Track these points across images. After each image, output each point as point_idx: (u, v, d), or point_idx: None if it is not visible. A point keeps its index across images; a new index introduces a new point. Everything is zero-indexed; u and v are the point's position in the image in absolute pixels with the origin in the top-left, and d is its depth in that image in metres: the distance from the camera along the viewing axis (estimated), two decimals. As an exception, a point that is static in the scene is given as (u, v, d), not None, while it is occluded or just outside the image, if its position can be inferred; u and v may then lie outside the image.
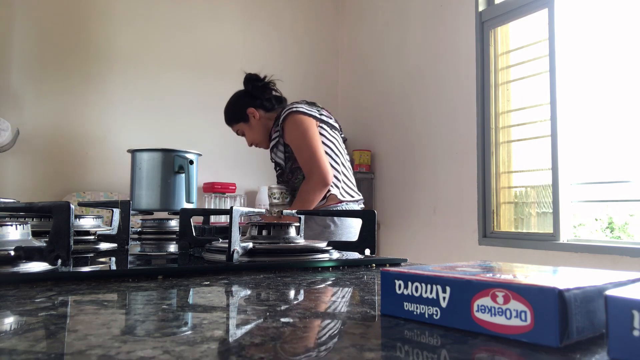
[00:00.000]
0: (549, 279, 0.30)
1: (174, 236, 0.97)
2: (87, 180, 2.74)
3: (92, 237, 0.82)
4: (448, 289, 0.30)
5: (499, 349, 0.26)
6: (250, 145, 1.95)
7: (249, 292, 0.46)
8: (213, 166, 2.99)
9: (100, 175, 2.75)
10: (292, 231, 0.70)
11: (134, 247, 0.86)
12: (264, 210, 0.80)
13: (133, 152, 1.10)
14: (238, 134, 1.96)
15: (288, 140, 1.76)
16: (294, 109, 1.76)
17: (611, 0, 2.05)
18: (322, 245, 0.70)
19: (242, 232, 0.68)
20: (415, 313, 0.32)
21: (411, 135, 2.88)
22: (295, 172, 1.77)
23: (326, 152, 1.73)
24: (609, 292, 0.24)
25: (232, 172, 3.13)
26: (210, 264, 0.61)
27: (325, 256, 0.68)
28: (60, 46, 2.74)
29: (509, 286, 0.28)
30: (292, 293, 0.46)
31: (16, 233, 0.54)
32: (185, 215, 0.82)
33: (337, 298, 0.43)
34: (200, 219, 1.21)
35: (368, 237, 0.76)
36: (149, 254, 0.81)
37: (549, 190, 2.19)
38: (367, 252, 0.76)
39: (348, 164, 1.87)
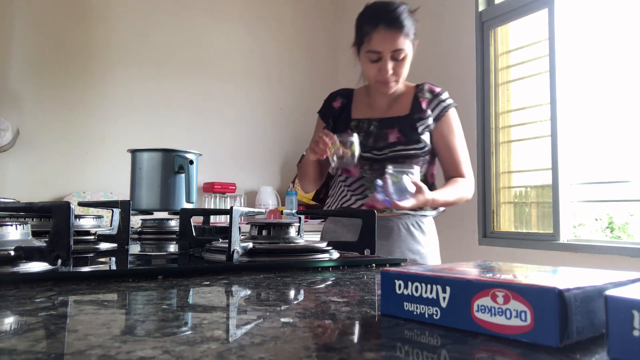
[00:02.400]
0: (549, 279, 0.30)
1: (174, 236, 0.97)
2: (87, 180, 2.74)
3: (92, 237, 0.82)
4: (448, 289, 0.30)
5: (499, 349, 0.26)
6: (393, 75, 1.39)
7: (249, 292, 0.46)
8: (213, 166, 3.00)
9: (100, 175, 2.76)
10: (292, 231, 0.70)
11: (134, 247, 0.86)
12: (264, 211, 0.80)
13: (133, 152, 1.10)
14: (395, 54, 1.37)
15: (445, 132, 1.45)
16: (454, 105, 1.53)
17: (611, 0, 2.05)
18: (322, 245, 0.70)
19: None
20: (415, 313, 0.32)
21: (411, 135, 2.88)
22: (414, 159, 1.42)
23: None
24: (609, 292, 0.24)
25: (232, 172, 3.13)
26: (210, 264, 0.61)
27: (325, 256, 0.68)
28: (60, 46, 2.74)
29: (509, 286, 0.28)
30: (292, 293, 0.46)
31: (16, 233, 0.54)
32: (185, 215, 0.82)
33: (337, 298, 0.42)
34: (200, 219, 1.21)
35: (368, 237, 0.76)
36: (149, 254, 0.81)
37: (549, 190, 2.19)
38: (367, 252, 0.76)
39: None
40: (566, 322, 0.26)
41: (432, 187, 1.44)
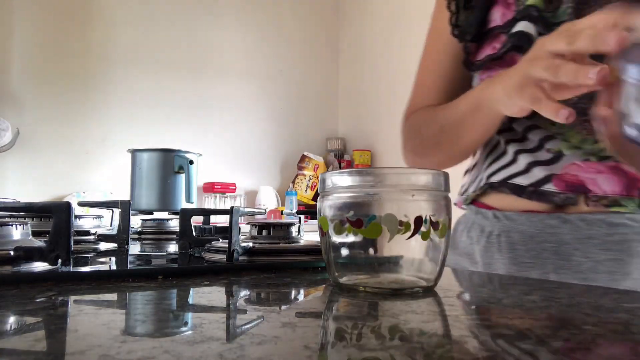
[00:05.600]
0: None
1: (174, 236, 0.97)
2: (87, 180, 2.74)
3: (92, 237, 0.82)
4: None
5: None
6: None
7: (249, 292, 0.46)
8: (213, 166, 2.99)
9: (100, 175, 2.75)
10: (292, 231, 0.70)
11: (134, 247, 0.86)
12: (264, 211, 0.79)
13: (133, 152, 1.10)
14: None
15: None
16: None
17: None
18: (322, 245, 0.70)
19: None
20: None
21: (411, 135, 2.88)
22: None
23: None
24: None
25: (232, 172, 3.13)
26: (210, 264, 0.61)
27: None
28: (60, 46, 2.74)
29: None
30: (292, 293, 0.46)
31: (16, 233, 0.54)
32: (185, 215, 0.82)
33: (337, 298, 0.42)
34: (200, 219, 1.22)
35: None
36: (149, 254, 0.81)
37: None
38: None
39: None
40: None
41: None
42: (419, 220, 0.41)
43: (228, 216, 0.62)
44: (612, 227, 0.64)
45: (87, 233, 0.83)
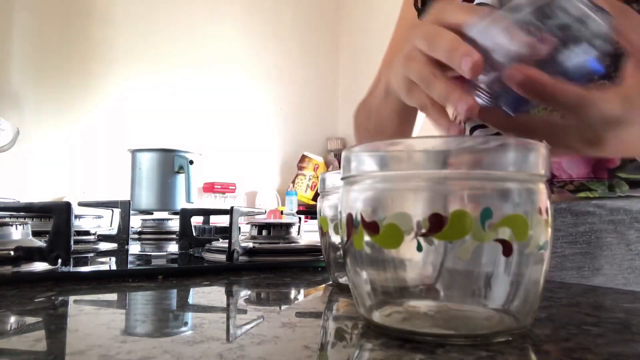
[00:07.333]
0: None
1: (174, 236, 0.97)
2: (87, 180, 2.74)
3: (92, 237, 0.82)
4: None
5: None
6: None
7: (249, 292, 0.46)
8: (213, 166, 3.00)
9: (100, 175, 2.75)
10: (292, 231, 0.70)
11: (134, 247, 0.86)
12: (264, 211, 0.79)
13: (133, 152, 1.10)
14: None
15: None
16: None
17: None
18: (322, 245, 0.70)
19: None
20: None
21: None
22: None
23: None
24: None
25: (232, 172, 3.13)
26: (210, 264, 0.61)
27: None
28: (60, 46, 2.74)
29: None
30: (292, 293, 0.46)
31: (16, 233, 0.54)
32: (185, 215, 0.82)
33: (337, 298, 0.42)
34: (200, 219, 1.22)
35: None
36: (149, 254, 0.81)
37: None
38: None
39: None
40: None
41: None
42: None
43: (228, 216, 0.62)
44: (578, 217, 0.57)
45: (87, 233, 0.83)
